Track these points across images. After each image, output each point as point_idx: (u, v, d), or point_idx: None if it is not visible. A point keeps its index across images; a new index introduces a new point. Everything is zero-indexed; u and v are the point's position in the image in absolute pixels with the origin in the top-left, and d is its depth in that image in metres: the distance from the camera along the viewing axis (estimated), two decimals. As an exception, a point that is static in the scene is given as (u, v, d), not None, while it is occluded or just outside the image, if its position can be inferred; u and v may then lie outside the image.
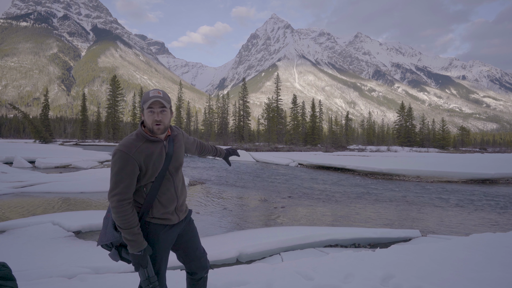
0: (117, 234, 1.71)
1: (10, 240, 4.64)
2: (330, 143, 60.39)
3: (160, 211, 1.77)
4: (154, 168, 1.73)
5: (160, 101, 1.73)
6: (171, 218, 1.82)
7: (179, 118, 70.60)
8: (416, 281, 2.79)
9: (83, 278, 3.03)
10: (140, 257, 1.65)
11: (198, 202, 8.67)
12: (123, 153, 1.64)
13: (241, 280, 2.93)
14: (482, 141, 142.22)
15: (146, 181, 1.74)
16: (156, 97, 1.72)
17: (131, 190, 1.67)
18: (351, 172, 18.09)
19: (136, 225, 1.66)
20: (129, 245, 1.64)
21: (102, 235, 1.76)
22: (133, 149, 1.67)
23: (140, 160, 1.68)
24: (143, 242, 1.67)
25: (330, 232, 4.96)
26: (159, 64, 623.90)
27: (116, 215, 1.63)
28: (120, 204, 1.62)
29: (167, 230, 1.81)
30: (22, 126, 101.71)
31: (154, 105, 1.73)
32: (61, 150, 25.41)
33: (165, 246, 1.81)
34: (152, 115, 1.74)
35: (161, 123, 1.75)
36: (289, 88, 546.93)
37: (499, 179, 14.74)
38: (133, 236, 1.63)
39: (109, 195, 1.65)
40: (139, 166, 1.68)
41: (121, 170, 1.64)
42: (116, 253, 1.73)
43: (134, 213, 1.67)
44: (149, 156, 1.71)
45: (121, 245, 1.74)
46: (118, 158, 1.64)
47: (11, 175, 11.66)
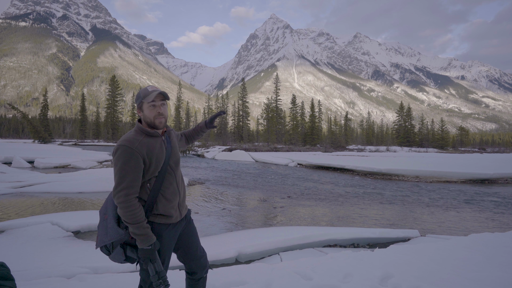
0: (121, 231, 1.67)
1: (9, 240, 4.63)
2: (329, 143, 60.37)
3: (164, 206, 1.77)
4: (157, 162, 1.74)
5: (162, 94, 1.78)
6: (174, 215, 1.83)
7: (178, 118, 70.50)
8: (415, 281, 2.79)
9: (82, 278, 3.02)
10: (150, 251, 1.64)
11: (197, 202, 8.67)
12: (126, 147, 1.64)
13: (240, 280, 2.93)
14: (481, 141, 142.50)
15: (150, 176, 1.74)
16: (157, 90, 1.77)
17: (137, 184, 1.67)
18: (350, 172, 18.10)
19: (144, 219, 1.66)
20: (138, 239, 1.64)
21: (101, 236, 1.71)
22: (135, 143, 1.67)
23: (143, 153, 1.68)
24: (152, 236, 1.67)
25: (329, 232, 4.96)
26: (158, 64, 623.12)
27: (124, 210, 1.61)
28: (128, 198, 1.61)
29: (170, 229, 1.82)
30: (21, 126, 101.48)
31: (156, 98, 1.76)
32: (60, 150, 25.38)
33: (168, 245, 1.82)
34: (155, 109, 1.76)
35: (162, 116, 1.79)
36: (288, 88, 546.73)
37: (498, 179, 14.77)
38: (142, 230, 1.63)
39: (115, 191, 1.64)
40: (143, 159, 1.68)
41: (125, 164, 1.63)
42: (121, 252, 1.70)
43: (141, 207, 1.67)
44: (151, 150, 1.72)
45: (126, 243, 1.71)
46: (122, 152, 1.64)
47: (10, 175, 11.63)
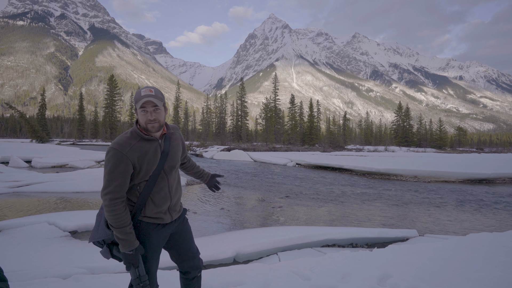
0: (109, 232, 1.68)
1: (5, 240, 4.59)
2: (327, 143, 60.36)
3: (152, 210, 1.75)
4: (148, 167, 1.70)
5: (151, 101, 1.67)
6: (163, 218, 1.79)
7: (177, 118, 70.48)
8: (413, 281, 2.78)
9: (78, 279, 2.99)
10: (131, 256, 1.63)
11: (195, 201, 8.64)
12: (116, 151, 1.62)
13: (238, 280, 2.91)
14: (479, 141, 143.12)
15: (140, 180, 1.71)
16: (148, 96, 1.66)
17: (124, 189, 1.65)
18: (348, 172, 18.11)
19: (128, 224, 1.63)
20: (120, 244, 1.62)
21: (94, 231, 1.74)
22: (126, 148, 1.64)
23: (133, 158, 1.65)
24: (135, 241, 1.65)
25: (327, 232, 4.95)
26: (157, 64, 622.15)
27: (108, 213, 1.60)
28: (113, 203, 1.60)
29: (159, 229, 1.79)
30: (19, 125, 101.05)
31: (146, 104, 1.67)
32: (58, 150, 25.31)
33: (157, 245, 1.79)
34: (146, 114, 1.69)
35: (155, 121, 1.70)
36: (287, 88, 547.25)
37: (496, 179, 14.81)
38: (124, 235, 1.61)
39: (102, 193, 1.63)
40: (133, 164, 1.65)
41: (114, 168, 1.61)
42: (108, 251, 1.72)
43: (126, 212, 1.64)
44: (143, 155, 1.68)
45: (113, 243, 1.72)
46: (112, 156, 1.62)
47: (7, 174, 11.57)
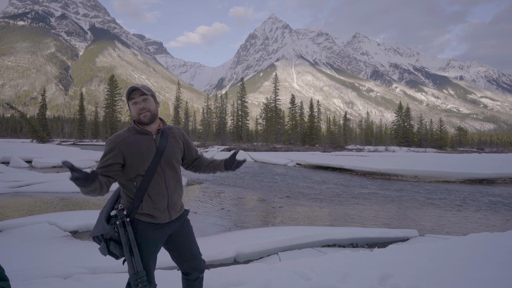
0: (108, 227, 1.73)
1: (6, 240, 4.60)
2: (328, 143, 60.33)
3: (150, 206, 1.77)
4: (141, 159, 1.76)
5: (138, 89, 1.79)
6: (161, 216, 1.80)
7: (177, 118, 70.45)
8: (414, 281, 2.78)
9: (79, 278, 3.00)
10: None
11: (196, 201, 8.65)
12: (110, 141, 1.77)
13: (238, 280, 2.91)
14: (479, 141, 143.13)
15: (135, 173, 1.76)
16: (134, 87, 1.79)
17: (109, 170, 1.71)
18: (349, 172, 18.10)
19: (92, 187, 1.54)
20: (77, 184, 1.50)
21: (95, 227, 1.80)
22: (119, 138, 1.78)
23: (123, 148, 1.75)
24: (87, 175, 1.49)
25: (328, 232, 4.95)
26: (157, 64, 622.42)
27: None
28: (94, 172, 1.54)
29: (157, 229, 1.80)
30: (19, 125, 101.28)
31: (134, 95, 1.80)
32: (58, 150, 25.34)
33: (154, 245, 1.80)
34: (136, 105, 1.80)
35: (145, 110, 1.80)
36: (288, 88, 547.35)
37: (496, 179, 14.80)
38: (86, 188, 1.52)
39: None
40: (122, 154, 1.75)
41: (106, 153, 1.76)
42: (105, 246, 1.75)
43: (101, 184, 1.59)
44: (135, 146, 1.77)
45: (111, 238, 1.75)
46: (107, 145, 1.78)
47: (8, 174, 11.59)
